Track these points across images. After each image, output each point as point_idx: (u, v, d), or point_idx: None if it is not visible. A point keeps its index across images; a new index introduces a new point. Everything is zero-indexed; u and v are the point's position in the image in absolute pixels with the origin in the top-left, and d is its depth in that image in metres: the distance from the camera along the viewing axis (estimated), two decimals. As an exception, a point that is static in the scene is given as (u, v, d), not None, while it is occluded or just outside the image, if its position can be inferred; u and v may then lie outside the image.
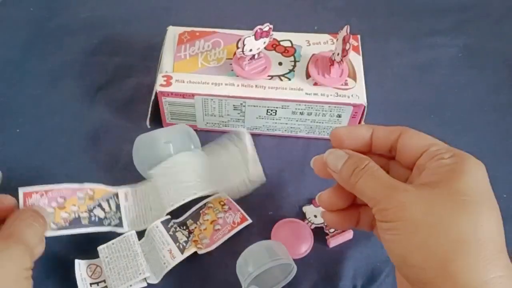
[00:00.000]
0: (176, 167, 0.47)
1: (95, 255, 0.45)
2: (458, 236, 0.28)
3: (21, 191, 0.44)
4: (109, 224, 0.46)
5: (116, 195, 0.48)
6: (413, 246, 0.29)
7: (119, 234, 0.45)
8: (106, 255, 0.44)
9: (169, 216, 0.47)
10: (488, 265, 0.27)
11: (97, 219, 0.45)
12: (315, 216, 0.48)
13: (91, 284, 0.44)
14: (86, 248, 0.45)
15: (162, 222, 0.46)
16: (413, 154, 0.33)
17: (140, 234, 0.46)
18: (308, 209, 0.49)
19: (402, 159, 0.35)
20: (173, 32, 0.56)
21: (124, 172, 0.52)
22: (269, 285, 0.44)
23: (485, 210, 0.29)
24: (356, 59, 0.54)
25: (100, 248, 0.44)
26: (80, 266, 0.44)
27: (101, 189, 0.47)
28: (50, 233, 0.43)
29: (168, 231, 0.45)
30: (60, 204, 0.44)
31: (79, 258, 0.45)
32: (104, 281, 0.44)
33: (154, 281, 0.44)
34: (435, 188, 0.30)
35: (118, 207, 0.48)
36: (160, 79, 0.52)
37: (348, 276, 0.46)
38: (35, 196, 0.44)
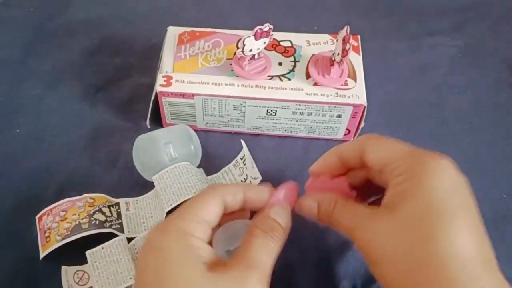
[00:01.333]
0: (176, 171, 0.47)
1: (83, 261, 0.44)
2: (419, 262, 0.27)
3: (36, 217, 0.47)
4: (110, 227, 0.45)
5: (117, 204, 0.48)
6: (390, 276, 0.29)
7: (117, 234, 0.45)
8: (94, 259, 0.43)
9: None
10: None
11: (97, 222, 0.45)
12: None
13: None
14: (73, 252, 0.44)
15: (168, 219, 0.46)
16: (377, 170, 0.33)
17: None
18: None
19: (375, 173, 0.34)
20: (173, 32, 0.56)
21: (124, 172, 0.52)
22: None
23: (446, 227, 0.27)
24: (356, 59, 0.54)
25: (89, 252, 0.43)
26: (67, 273, 0.44)
27: (101, 197, 0.48)
28: (55, 246, 0.43)
29: None
30: (62, 217, 0.45)
31: (67, 262, 0.45)
32: (92, 287, 0.43)
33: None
34: (393, 213, 0.29)
35: (119, 214, 0.48)
36: (160, 79, 0.52)
37: (348, 276, 0.46)
38: (45, 218, 0.45)
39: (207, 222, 0.32)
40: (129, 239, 0.46)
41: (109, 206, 0.47)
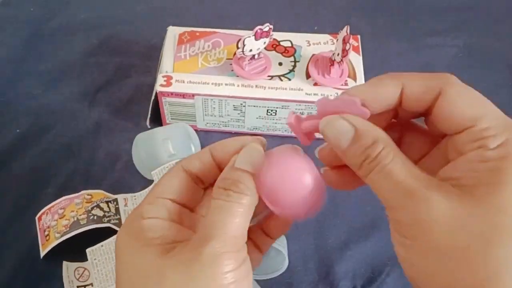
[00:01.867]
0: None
1: (83, 258, 0.44)
2: (493, 272, 0.20)
3: (36, 217, 0.46)
4: (108, 222, 0.46)
5: (116, 200, 0.48)
6: (431, 274, 0.22)
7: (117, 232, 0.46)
8: (94, 257, 0.43)
9: None
10: None
11: (95, 217, 0.45)
12: None
13: (78, 287, 0.44)
14: (75, 251, 0.45)
15: None
16: (453, 126, 0.24)
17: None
18: None
19: (437, 127, 0.25)
20: (173, 32, 0.56)
21: (124, 172, 0.52)
22: (256, 272, 0.43)
23: None
24: (356, 59, 0.54)
25: (89, 250, 0.44)
26: (68, 269, 0.44)
27: (99, 193, 0.48)
28: (54, 243, 0.43)
29: None
30: (60, 215, 0.45)
31: (67, 260, 0.45)
32: (92, 284, 0.44)
33: None
34: (467, 197, 0.21)
35: (117, 210, 0.48)
36: (160, 79, 0.52)
37: (348, 276, 0.46)
38: (44, 217, 0.45)
39: (166, 200, 0.27)
40: None
41: (107, 202, 0.47)
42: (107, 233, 0.45)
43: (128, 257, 0.25)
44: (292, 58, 0.54)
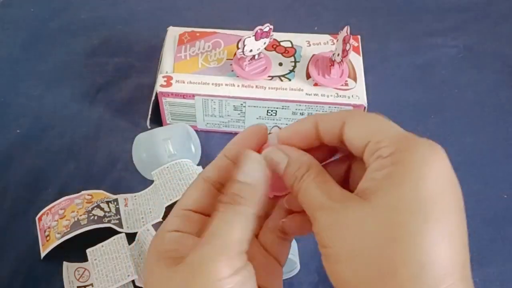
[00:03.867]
0: (177, 167, 0.47)
1: (84, 258, 0.44)
2: (386, 268, 0.23)
3: (36, 218, 0.46)
4: (109, 222, 0.46)
5: (116, 200, 0.48)
6: (344, 278, 0.24)
7: (118, 233, 0.46)
8: (94, 257, 0.44)
9: (161, 219, 0.47)
10: None
11: (96, 217, 0.45)
12: None
13: (78, 287, 0.44)
14: (75, 251, 0.45)
15: (154, 225, 0.46)
16: (357, 148, 0.27)
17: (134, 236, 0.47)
18: None
19: (353, 152, 0.28)
20: (173, 33, 0.56)
21: (124, 172, 0.52)
22: None
23: (424, 230, 0.23)
24: (356, 60, 0.54)
25: (89, 250, 0.44)
26: (68, 269, 0.44)
27: (99, 193, 0.48)
28: (54, 243, 0.44)
29: None
30: (61, 215, 0.45)
31: (67, 261, 0.45)
32: (92, 284, 0.44)
33: (143, 284, 0.44)
34: (367, 203, 0.24)
35: (118, 210, 0.48)
36: (160, 80, 0.52)
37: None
38: (44, 217, 0.45)
39: (191, 211, 0.28)
40: (129, 235, 0.46)
41: (107, 202, 0.47)
42: (108, 233, 0.45)
43: (148, 270, 0.27)
44: (292, 59, 0.54)
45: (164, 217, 0.46)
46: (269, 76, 0.52)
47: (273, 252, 0.30)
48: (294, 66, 0.53)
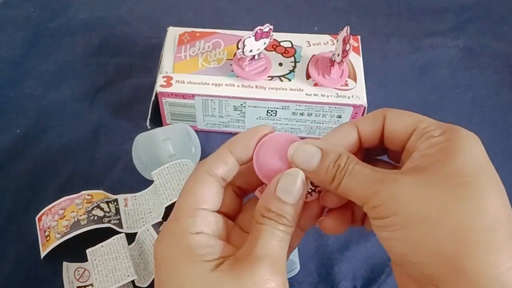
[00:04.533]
0: (177, 167, 0.47)
1: (83, 258, 0.44)
2: (461, 225, 0.24)
3: (36, 218, 0.47)
4: (108, 222, 0.46)
5: (116, 200, 0.48)
6: (413, 242, 0.25)
7: (117, 233, 0.46)
8: (94, 257, 0.44)
9: (161, 219, 0.47)
10: (500, 254, 0.24)
11: (96, 217, 0.45)
12: None
13: (78, 287, 0.44)
14: (75, 251, 0.45)
15: (153, 226, 0.46)
16: (401, 136, 0.29)
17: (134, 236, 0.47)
18: None
19: (392, 145, 0.30)
20: (173, 33, 0.56)
21: (125, 172, 0.52)
22: None
23: (488, 191, 0.25)
24: (356, 60, 0.54)
25: (89, 250, 0.44)
26: (68, 269, 0.45)
27: (99, 193, 0.48)
28: (54, 244, 0.44)
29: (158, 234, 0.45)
30: (61, 216, 0.45)
31: (67, 261, 0.45)
32: (92, 285, 0.44)
33: (143, 284, 0.44)
34: (427, 172, 0.26)
35: (117, 210, 0.48)
36: (160, 80, 0.52)
37: (348, 277, 0.46)
38: (44, 217, 0.45)
39: (205, 210, 0.28)
40: (128, 235, 0.46)
41: (107, 202, 0.47)
42: (108, 233, 0.45)
43: (179, 272, 0.27)
44: (292, 59, 0.54)
45: (165, 218, 0.46)
46: (269, 76, 0.52)
47: None
48: (294, 66, 0.53)
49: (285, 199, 0.28)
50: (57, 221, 0.45)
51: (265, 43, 0.51)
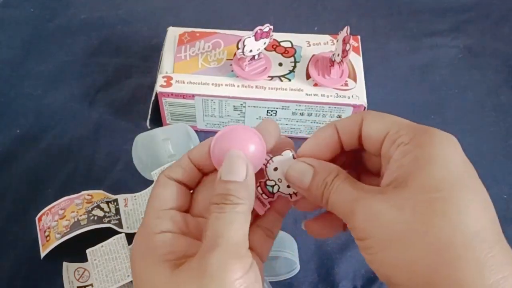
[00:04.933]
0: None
1: (83, 258, 0.44)
2: (436, 244, 0.23)
3: (36, 218, 0.46)
4: (109, 222, 0.46)
5: (116, 200, 0.48)
6: (392, 265, 0.24)
7: (118, 233, 0.46)
8: (94, 257, 0.43)
9: None
10: (484, 268, 0.23)
11: (96, 218, 0.45)
12: (280, 181, 0.31)
13: (78, 287, 0.44)
14: (75, 251, 0.45)
15: None
16: (376, 141, 0.28)
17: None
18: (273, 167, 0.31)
19: (369, 149, 0.29)
20: (173, 33, 0.56)
21: (125, 173, 0.52)
22: (268, 274, 0.44)
23: (465, 204, 0.24)
24: (356, 60, 0.54)
25: (89, 250, 0.44)
26: (68, 269, 0.44)
27: (99, 193, 0.48)
28: (54, 244, 0.44)
29: None
30: (61, 216, 0.45)
31: (67, 261, 0.45)
32: (92, 285, 0.44)
33: None
34: (399, 189, 0.25)
35: (117, 210, 0.48)
36: (160, 80, 0.52)
37: (348, 277, 0.46)
38: (44, 217, 0.45)
39: (171, 210, 0.28)
40: (128, 235, 0.46)
41: (107, 202, 0.47)
42: (107, 233, 0.45)
43: (144, 274, 0.26)
44: (292, 59, 0.54)
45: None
46: (269, 77, 0.52)
47: (257, 249, 0.30)
48: (294, 66, 0.53)
49: (229, 178, 0.27)
50: (57, 221, 0.45)
51: (265, 43, 0.51)
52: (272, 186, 0.30)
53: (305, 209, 0.31)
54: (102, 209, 0.46)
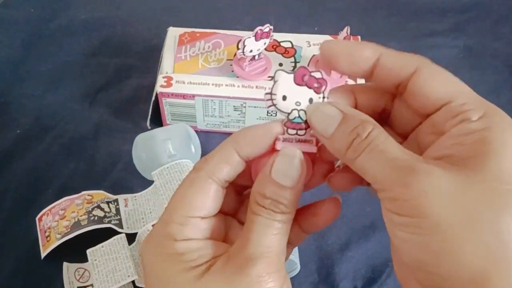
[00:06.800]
0: (177, 168, 0.47)
1: (84, 258, 0.44)
2: (496, 241, 0.20)
3: (37, 218, 0.46)
4: (109, 222, 0.46)
5: (116, 201, 0.48)
6: (436, 251, 0.21)
7: (118, 233, 0.46)
8: (95, 257, 0.43)
9: None
10: None
11: (96, 218, 0.45)
12: (298, 104, 0.26)
13: (78, 287, 0.44)
14: (75, 251, 0.45)
15: (154, 226, 0.46)
16: (429, 103, 0.24)
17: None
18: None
19: (413, 104, 0.25)
20: (173, 33, 0.56)
21: (124, 173, 0.52)
22: None
23: None
24: (356, 60, 0.54)
25: (89, 250, 0.44)
26: (68, 269, 0.44)
27: (99, 194, 0.48)
28: (55, 244, 0.44)
29: None
30: (61, 216, 0.45)
31: (68, 261, 0.45)
32: (92, 285, 0.44)
33: (143, 284, 0.44)
34: (464, 169, 0.21)
35: (118, 210, 0.48)
36: (160, 80, 0.52)
37: (349, 277, 0.46)
38: (45, 218, 0.45)
39: (198, 218, 0.25)
40: (129, 235, 0.46)
41: (107, 203, 0.47)
42: (108, 233, 0.45)
43: (167, 281, 0.24)
44: (292, 59, 0.54)
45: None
46: (269, 77, 0.52)
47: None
48: (294, 67, 0.53)
49: (282, 182, 0.24)
50: (57, 221, 0.45)
51: (265, 43, 0.51)
52: (299, 115, 0.25)
53: (341, 186, 0.27)
54: (102, 209, 0.46)
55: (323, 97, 0.26)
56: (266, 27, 0.49)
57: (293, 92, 0.25)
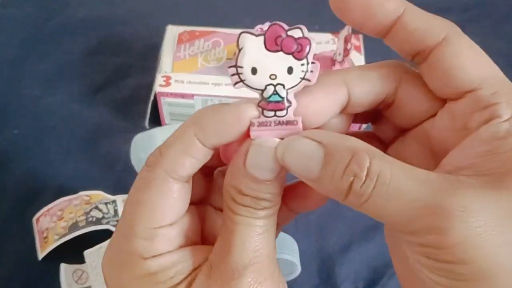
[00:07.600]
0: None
1: (81, 260, 0.43)
2: None
3: (34, 219, 0.46)
4: (107, 223, 0.45)
5: (114, 202, 0.48)
6: None
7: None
8: (93, 259, 0.43)
9: None
10: None
11: (94, 219, 0.45)
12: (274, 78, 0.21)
13: None
14: (73, 253, 0.44)
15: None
16: (453, 86, 0.19)
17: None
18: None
19: (431, 83, 0.20)
20: (172, 32, 0.56)
21: (124, 173, 0.52)
22: None
23: None
24: (357, 59, 0.53)
25: (87, 252, 0.43)
26: (66, 271, 0.44)
27: (98, 194, 0.47)
28: (53, 246, 0.43)
29: None
30: (59, 217, 0.45)
31: (65, 263, 0.45)
32: (90, 286, 0.43)
33: None
34: (507, 192, 0.16)
35: (116, 211, 0.47)
36: (159, 79, 0.51)
37: (350, 279, 0.45)
38: (42, 219, 0.45)
39: (166, 227, 0.21)
40: None
41: (106, 203, 0.47)
42: (106, 234, 0.44)
43: None
44: (292, 58, 0.54)
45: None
46: (269, 76, 0.52)
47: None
48: (295, 66, 0.53)
49: (260, 176, 0.20)
50: (55, 222, 0.45)
51: (265, 42, 0.50)
52: (276, 91, 0.20)
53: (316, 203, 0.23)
54: (100, 210, 0.46)
55: (307, 63, 0.20)
56: (266, 26, 0.48)
57: (265, 61, 0.20)
